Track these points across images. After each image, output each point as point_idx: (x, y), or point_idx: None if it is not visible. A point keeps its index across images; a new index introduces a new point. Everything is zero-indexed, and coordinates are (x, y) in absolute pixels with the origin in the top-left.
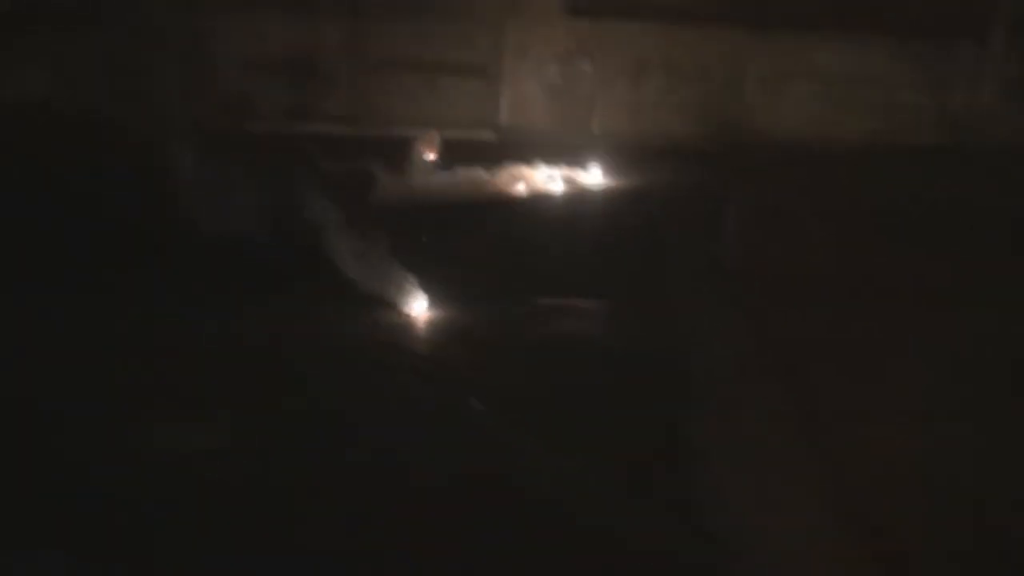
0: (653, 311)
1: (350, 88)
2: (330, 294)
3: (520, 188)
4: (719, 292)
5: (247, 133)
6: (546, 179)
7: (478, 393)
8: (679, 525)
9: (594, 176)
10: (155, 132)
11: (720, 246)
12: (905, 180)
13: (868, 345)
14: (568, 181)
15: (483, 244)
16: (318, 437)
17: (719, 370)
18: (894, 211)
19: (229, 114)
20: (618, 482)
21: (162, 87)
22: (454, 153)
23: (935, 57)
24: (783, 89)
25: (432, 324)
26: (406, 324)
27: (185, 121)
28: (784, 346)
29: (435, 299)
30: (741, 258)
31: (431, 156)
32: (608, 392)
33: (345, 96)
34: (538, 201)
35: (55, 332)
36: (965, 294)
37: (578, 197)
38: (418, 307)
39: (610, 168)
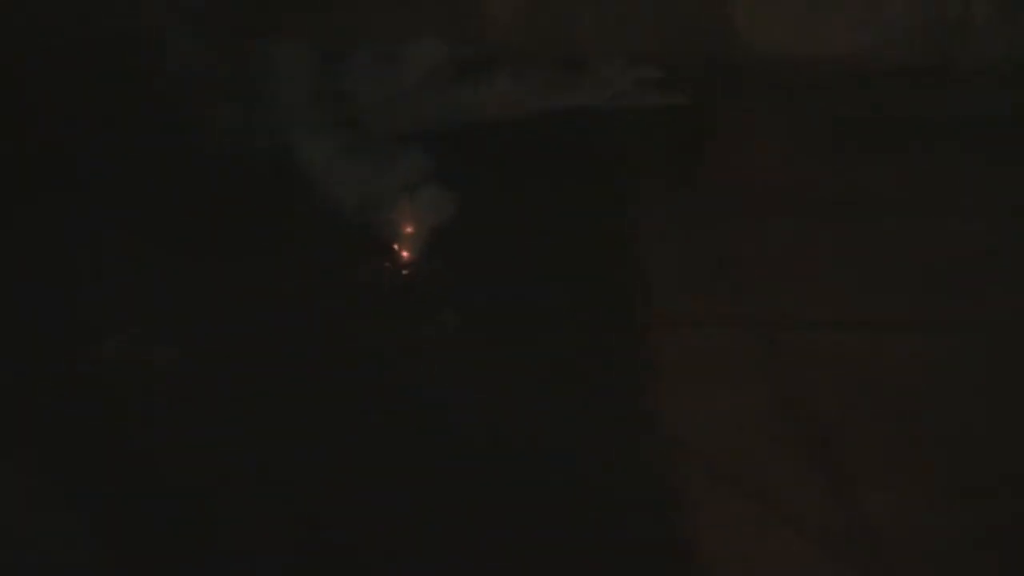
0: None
1: (322, 3)
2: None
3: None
4: (685, 207)
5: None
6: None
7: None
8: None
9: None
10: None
11: (695, 161)
12: (893, 96)
13: (825, 256)
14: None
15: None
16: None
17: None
18: (875, 126)
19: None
20: (571, 396)
21: None
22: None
23: None
24: (771, 2)
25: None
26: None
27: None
28: (741, 257)
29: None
30: (716, 173)
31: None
32: (554, 306)
33: (316, 11)
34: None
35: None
36: (930, 204)
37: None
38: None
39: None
